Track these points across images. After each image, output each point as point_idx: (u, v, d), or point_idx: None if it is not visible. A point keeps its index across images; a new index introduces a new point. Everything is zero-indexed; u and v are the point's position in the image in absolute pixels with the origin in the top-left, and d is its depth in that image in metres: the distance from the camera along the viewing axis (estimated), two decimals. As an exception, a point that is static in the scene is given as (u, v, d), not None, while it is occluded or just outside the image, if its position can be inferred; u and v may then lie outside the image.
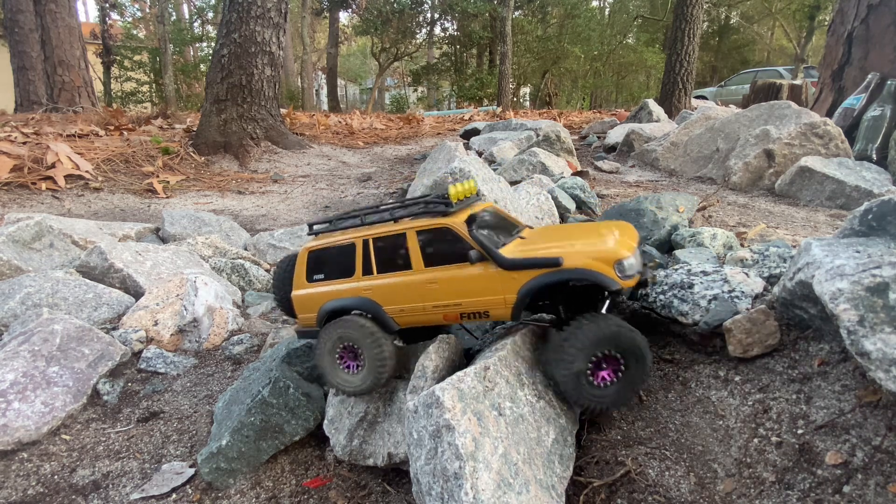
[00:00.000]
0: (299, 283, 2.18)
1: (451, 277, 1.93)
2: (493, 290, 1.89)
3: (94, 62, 17.49)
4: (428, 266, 1.96)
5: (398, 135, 12.17)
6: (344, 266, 2.10)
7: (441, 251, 1.95)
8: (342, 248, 2.10)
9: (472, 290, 1.91)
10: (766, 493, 1.52)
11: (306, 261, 2.17)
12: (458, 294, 1.93)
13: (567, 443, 1.84)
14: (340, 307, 2.08)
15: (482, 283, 1.89)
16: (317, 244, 2.16)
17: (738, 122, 5.52)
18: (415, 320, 2.03)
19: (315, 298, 2.13)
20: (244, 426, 2.11)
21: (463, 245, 1.91)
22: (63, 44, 11.62)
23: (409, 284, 1.98)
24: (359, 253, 2.06)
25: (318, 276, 2.15)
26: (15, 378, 2.40)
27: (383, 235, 2.04)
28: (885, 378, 1.36)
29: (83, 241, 4.17)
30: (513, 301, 1.86)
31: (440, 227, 1.95)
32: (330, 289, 2.11)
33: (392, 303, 2.02)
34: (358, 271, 2.06)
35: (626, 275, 1.79)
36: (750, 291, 2.12)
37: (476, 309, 1.93)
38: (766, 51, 32.59)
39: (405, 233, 2.00)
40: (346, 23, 32.38)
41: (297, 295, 2.18)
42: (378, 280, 2.03)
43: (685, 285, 2.23)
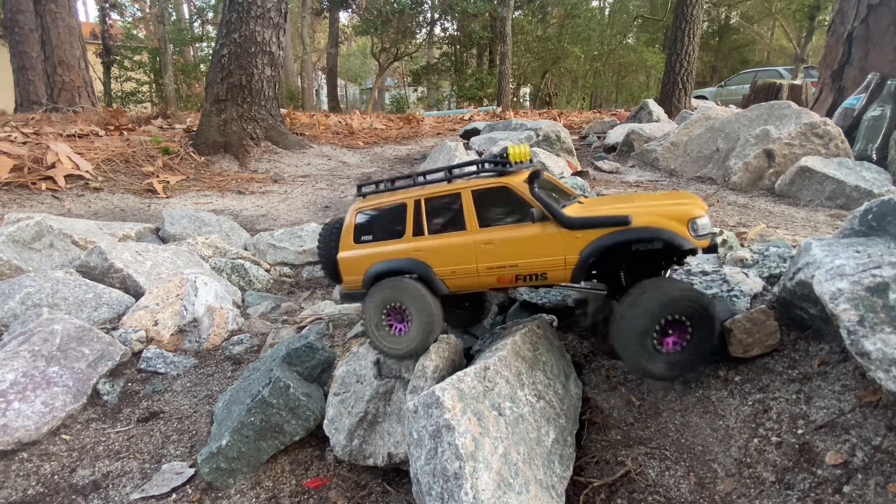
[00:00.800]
0: (346, 244, 2.11)
1: (508, 238, 1.87)
2: (553, 251, 1.82)
3: (94, 62, 17.49)
4: (483, 227, 1.91)
5: (398, 135, 12.17)
6: (394, 227, 2.04)
7: (498, 211, 1.91)
8: (393, 208, 2.04)
9: (530, 251, 1.85)
10: (766, 493, 1.52)
11: (354, 221, 2.11)
12: (515, 255, 1.87)
13: (567, 443, 1.84)
14: (389, 269, 2.02)
15: (542, 244, 1.82)
16: (366, 204, 2.10)
17: (738, 122, 5.52)
18: (466, 283, 1.97)
19: (363, 260, 2.07)
20: (244, 426, 2.11)
21: (521, 205, 1.86)
22: (63, 44, 11.61)
23: (463, 245, 1.93)
24: (410, 213, 2.00)
25: (366, 238, 2.09)
26: (15, 378, 2.40)
27: (437, 195, 1.98)
28: (885, 378, 1.36)
29: (83, 241, 4.17)
30: (574, 262, 1.79)
31: (498, 186, 1.90)
32: (379, 250, 2.05)
33: (443, 265, 1.96)
34: (408, 232, 2.01)
35: (700, 234, 1.73)
36: (749, 291, 2.12)
37: (533, 270, 1.87)
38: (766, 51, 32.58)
39: (460, 192, 1.95)
40: (346, 23, 32.37)
41: (343, 256, 2.11)
42: (430, 241, 1.97)
43: None
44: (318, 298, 3.95)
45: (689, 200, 1.84)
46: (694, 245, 1.71)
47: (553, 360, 2.08)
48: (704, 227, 1.75)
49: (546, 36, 25.60)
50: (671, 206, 1.77)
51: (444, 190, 1.98)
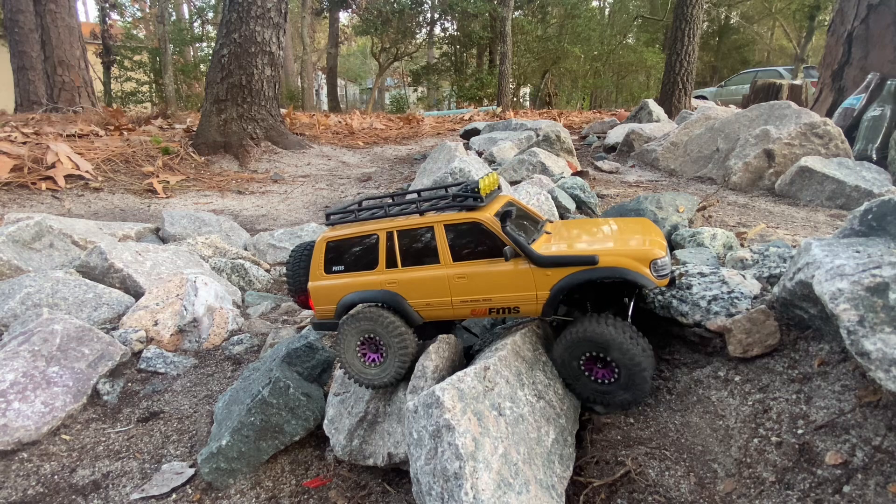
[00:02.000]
0: (317, 274, 2.11)
1: (482, 272, 1.91)
2: (525, 287, 1.87)
3: (94, 62, 17.49)
4: (457, 260, 1.94)
5: (398, 135, 12.17)
6: (366, 258, 2.05)
7: (470, 245, 1.94)
8: (364, 239, 2.04)
9: (503, 286, 1.89)
10: (766, 493, 1.52)
11: (325, 251, 2.10)
12: (488, 290, 1.91)
13: (567, 443, 1.84)
14: (363, 300, 2.02)
15: (514, 279, 1.88)
16: (336, 234, 2.09)
17: (738, 122, 5.52)
18: (440, 314, 2.00)
19: (334, 290, 2.08)
20: (244, 426, 2.11)
21: (493, 240, 1.90)
22: (63, 44, 11.61)
23: (437, 279, 1.95)
24: (382, 245, 2.01)
25: (337, 268, 2.09)
26: (15, 378, 2.40)
27: (409, 228, 1.99)
28: (885, 378, 1.36)
29: (83, 241, 4.17)
30: (545, 298, 1.85)
31: (471, 221, 1.93)
32: (351, 281, 2.05)
33: (417, 297, 1.98)
34: (381, 264, 2.01)
35: (661, 274, 1.81)
36: (749, 293, 2.12)
37: (506, 304, 1.92)
38: (766, 51, 32.59)
39: (433, 226, 1.96)
40: (346, 23, 32.37)
41: (314, 286, 2.11)
42: (404, 273, 1.99)
43: (683, 286, 2.23)
44: (318, 298, 3.95)
45: (651, 238, 1.92)
46: (655, 285, 1.80)
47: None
48: (665, 267, 1.83)
49: (546, 36, 25.59)
50: (635, 246, 1.84)
51: (416, 223, 1.99)
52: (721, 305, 2.09)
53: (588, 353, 1.84)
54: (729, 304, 2.09)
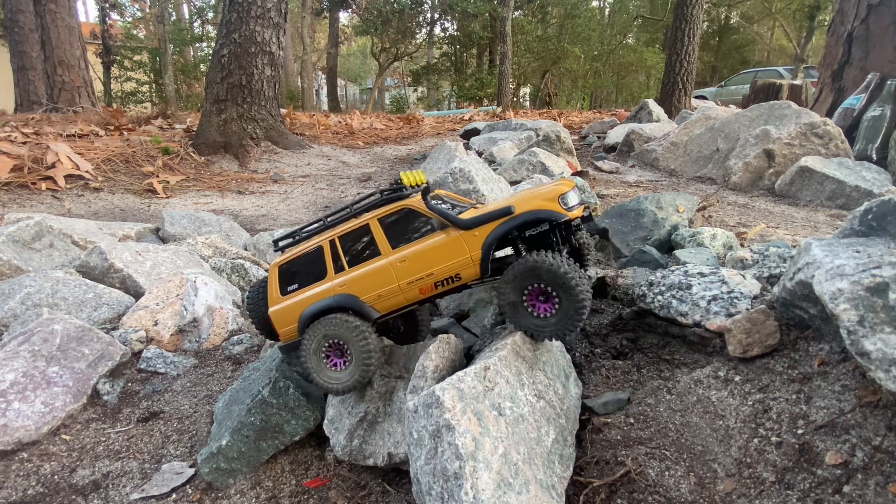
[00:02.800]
0: (274, 298, 2.19)
1: (419, 251, 2.03)
2: (459, 252, 2.00)
3: (94, 62, 17.48)
4: (396, 247, 2.06)
5: (398, 135, 12.17)
6: (315, 270, 2.15)
7: (405, 231, 2.08)
8: (310, 254, 2.16)
9: (440, 257, 2.02)
10: (766, 493, 1.52)
11: (277, 276, 2.20)
12: (428, 264, 2.02)
13: (567, 443, 1.84)
14: (320, 309, 2.10)
15: (448, 248, 2.01)
16: (284, 258, 2.20)
17: (738, 122, 5.52)
18: (394, 302, 2.09)
19: (293, 309, 2.15)
20: (244, 426, 2.11)
21: (424, 220, 2.06)
22: (63, 44, 11.62)
23: (382, 269, 2.06)
24: (327, 254, 2.12)
25: (291, 288, 2.18)
26: (15, 378, 2.40)
27: (347, 231, 2.12)
28: (885, 378, 1.36)
29: (83, 241, 4.17)
30: (479, 257, 1.98)
31: (400, 209, 2.08)
32: (306, 295, 2.14)
33: (368, 291, 2.07)
34: (330, 271, 2.12)
35: (570, 206, 1.98)
36: (749, 293, 2.12)
37: (448, 274, 2.02)
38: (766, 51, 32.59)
39: (368, 223, 2.09)
40: (346, 23, 32.37)
41: (274, 311, 2.18)
42: (351, 273, 2.09)
43: (683, 286, 2.24)
44: (318, 298, 3.95)
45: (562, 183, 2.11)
46: (567, 216, 1.95)
47: (553, 360, 2.08)
48: (573, 199, 2.00)
49: (546, 36, 25.59)
50: (544, 190, 2.01)
51: (353, 225, 2.12)
52: (721, 305, 2.09)
53: (531, 286, 1.93)
54: (728, 304, 2.09)
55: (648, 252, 2.95)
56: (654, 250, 2.98)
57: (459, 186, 3.27)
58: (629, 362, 2.27)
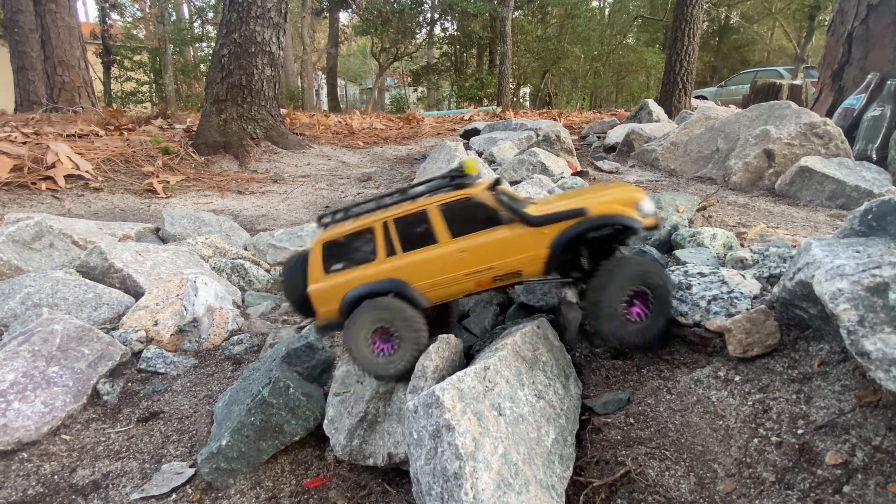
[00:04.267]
0: (316, 276, 2.09)
1: (482, 244, 1.97)
2: (525, 249, 1.96)
3: (94, 62, 17.48)
4: (455, 237, 1.99)
5: (398, 135, 12.17)
6: (364, 251, 2.06)
7: (465, 221, 2.00)
8: (360, 234, 2.06)
9: (504, 252, 1.97)
10: (766, 493, 1.52)
11: (321, 252, 2.10)
12: (490, 258, 1.98)
13: (567, 443, 1.84)
14: (368, 291, 2.02)
15: (513, 243, 1.96)
16: (331, 234, 2.10)
17: (738, 122, 5.52)
18: (446, 293, 2.03)
19: (337, 288, 2.06)
20: (244, 426, 2.11)
21: (487, 212, 1.98)
22: (63, 44, 11.61)
23: (439, 257, 1.99)
24: (379, 236, 2.04)
25: (336, 267, 2.08)
26: (15, 378, 2.40)
27: (403, 215, 2.03)
28: (885, 378, 1.36)
29: (83, 241, 4.17)
30: (545, 256, 1.95)
31: (463, 197, 1.99)
32: (352, 276, 2.05)
33: (421, 279, 2.01)
34: (380, 254, 2.03)
35: (646, 214, 1.96)
36: (749, 293, 2.13)
37: (510, 269, 1.98)
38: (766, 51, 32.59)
39: (426, 209, 2.01)
40: (346, 23, 32.36)
41: (315, 289, 2.08)
42: (404, 259, 2.01)
43: (683, 286, 2.24)
44: (318, 298, 3.95)
45: (630, 189, 2.07)
46: (643, 224, 1.94)
47: (553, 360, 2.08)
48: (649, 208, 1.99)
49: (546, 36, 25.59)
50: (618, 195, 1.99)
51: (409, 209, 2.03)
52: (721, 305, 2.09)
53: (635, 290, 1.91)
54: (728, 304, 2.09)
55: (648, 252, 2.95)
56: (654, 250, 2.98)
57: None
58: (629, 362, 2.27)
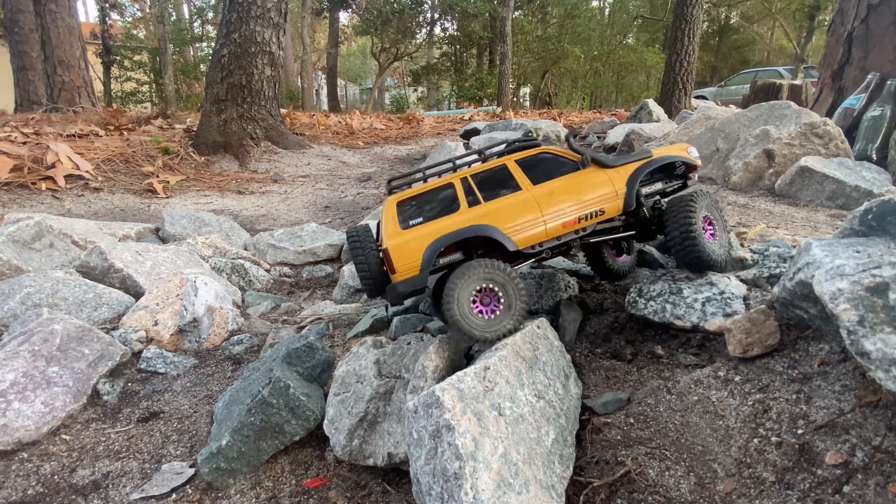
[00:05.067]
0: (392, 233, 2.06)
1: (566, 183, 2.18)
2: (605, 187, 2.20)
3: (94, 62, 17.48)
4: (536, 184, 2.17)
5: (398, 135, 12.17)
6: (444, 205, 2.12)
7: (544, 171, 2.22)
8: (437, 189, 2.14)
9: (587, 189, 2.18)
10: (766, 493, 1.52)
11: (396, 210, 2.12)
12: (576, 195, 2.16)
13: (567, 443, 1.84)
14: (455, 238, 2.03)
15: (595, 182, 2.20)
16: (404, 194, 2.14)
17: (738, 122, 5.52)
18: (533, 235, 2.12)
19: (418, 241, 2.03)
20: (244, 426, 2.11)
21: (561, 165, 2.24)
22: (63, 44, 11.61)
23: (525, 200, 2.13)
24: (459, 189, 2.12)
25: (414, 221, 2.09)
26: (15, 378, 2.40)
27: (482, 170, 2.16)
28: (885, 378, 1.36)
29: (83, 241, 4.17)
30: (624, 191, 2.22)
31: (539, 153, 2.24)
32: (435, 226, 2.05)
33: (509, 221, 2.08)
34: (463, 204, 2.10)
35: (696, 156, 2.41)
36: (738, 294, 2.15)
37: (594, 208, 2.18)
38: (766, 51, 32.59)
39: (506, 164, 2.18)
40: (346, 23, 32.36)
41: (394, 244, 2.03)
42: (490, 206, 2.10)
43: (674, 290, 2.27)
44: (318, 298, 3.95)
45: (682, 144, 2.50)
46: (698, 164, 2.41)
47: (553, 360, 2.08)
48: (696, 153, 2.45)
49: (546, 36, 25.60)
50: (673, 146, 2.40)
51: (488, 166, 2.17)
52: (716, 306, 2.12)
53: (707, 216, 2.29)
54: (724, 305, 2.11)
55: (649, 252, 2.95)
56: (654, 250, 2.98)
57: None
58: (629, 363, 2.27)
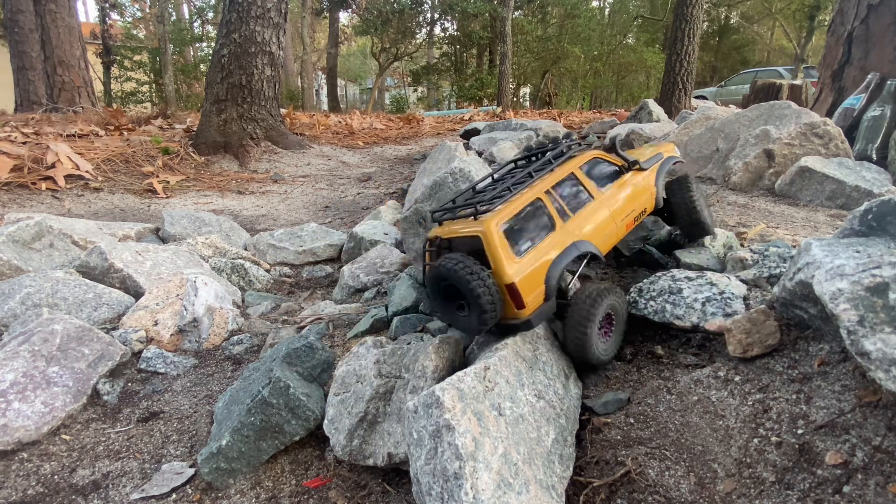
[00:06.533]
0: (509, 263, 1.86)
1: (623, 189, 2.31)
2: (647, 188, 2.39)
3: (94, 62, 17.48)
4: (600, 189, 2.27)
5: (398, 135, 12.17)
6: (541, 223, 2.01)
7: (601, 177, 2.33)
8: (529, 208, 2.01)
9: (640, 193, 2.37)
10: (766, 493, 1.52)
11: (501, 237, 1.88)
12: (635, 201, 2.32)
13: (567, 443, 1.84)
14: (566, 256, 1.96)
15: (642, 185, 2.39)
16: (502, 216, 1.91)
17: (738, 122, 5.51)
18: (611, 242, 2.23)
19: (539, 268, 1.91)
20: (244, 426, 2.11)
21: (608, 165, 2.37)
22: (63, 44, 11.61)
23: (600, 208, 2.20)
24: (549, 204, 2.07)
25: (525, 247, 1.93)
26: (15, 378, 2.40)
27: (558, 181, 2.16)
28: (885, 378, 1.36)
29: (83, 241, 4.17)
30: (655, 191, 2.44)
31: (593, 157, 2.34)
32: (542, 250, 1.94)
33: (596, 234, 2.13)
34: (557, 221, 2.04)
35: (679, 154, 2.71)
36: (738, 294, 2.15)
37: (643, 208, 2.36)
38: (766, 51, 32.60)
39: (573, 172, 2.23)
40: (346, 23, 32.37)
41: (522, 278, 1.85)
42: (578, 220, 2.11)
43: (674, 290, 2.26)
44: (318, 298, 3.95)
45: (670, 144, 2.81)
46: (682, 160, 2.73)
47: (553, 360, 2.08)
48: (678, 151, 2.69)
49: (546, 36, 25.60)
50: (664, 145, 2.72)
51: (560, 175, 2.20)
52: (717, 306, 2.11)
53: None
54: (724, 305, 2.11)
55: (649, 252, 2.95)
56: (654, 250, 2.97)
57: (459, 186, 3.26)
58: (629, 363, 2.27)
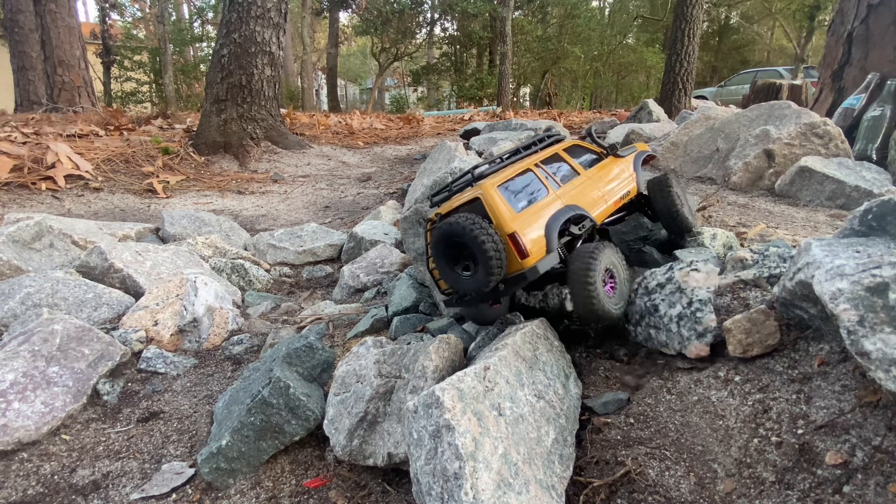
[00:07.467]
0: (511, 217, 2.01)
1: (605, 170, 2.49)
2: (626, 172, 2.58)
3: (94, 62, 17.47)
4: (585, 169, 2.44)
5: (398, 135, 12.17)
6: (534, 188, 2.21)
7: (582, 160, 2.53)
8: (521, 176, 2.23)
9: (620, 174, 2.54)
10: (766, 493, 1.52)
11: (500, 195, 2.05)
12: (616, 180, 2.49)
13: (567, 443, 1.84)
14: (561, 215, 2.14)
15: (623, 169, 2.58)
16: (498, 179, 2.13)
17: (738, 122, 5.51)
18: (602, 213, 2.37)
19: (539, 218, 2.07)
20: (244, 426, 2.11)
21: (589, 152, 2.59)
22: (63, 44, 11.61)
23: (588, 181, 2.37)
24: (539, 174, 2.25)
25: (522, 205, 2.09)
26: (15, 378, 2.40)
27: (545, 158, 2.36)
28: (885, 378, 1.36)
29: (83, 241, 4.17)
30: (635, 176, 2.62)
31: (572, 144, 2.57)
32: (539, 209, 2.11)
33: (586, 202, 2.29)
34: (549, 188, 2.23)
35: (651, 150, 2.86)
36: (705, 297, 2.04)
37: (625, 189, 2.53)
38: (766, 51, 32.60)
39: (557, 152, 2.43)
40: (346, 23, 32.36)
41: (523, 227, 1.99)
42: (567, 188, 2.28)
43: (650, 310, 2.17)
44: (318, 298, 3.95)
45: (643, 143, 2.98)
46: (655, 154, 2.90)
47: (553, 360, 2.08)
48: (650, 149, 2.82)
49: (546, 36, 25.62)
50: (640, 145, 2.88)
51: (546, 154, 2.40)
52: (688, 326, 2.01)
53: None
54: (694, 323, 2.00)
55: (648, 252, 2.95)
56: (654, 250, 2.97)
57: (459, 186, 3.26)
58: (629, 363, 2.27)
